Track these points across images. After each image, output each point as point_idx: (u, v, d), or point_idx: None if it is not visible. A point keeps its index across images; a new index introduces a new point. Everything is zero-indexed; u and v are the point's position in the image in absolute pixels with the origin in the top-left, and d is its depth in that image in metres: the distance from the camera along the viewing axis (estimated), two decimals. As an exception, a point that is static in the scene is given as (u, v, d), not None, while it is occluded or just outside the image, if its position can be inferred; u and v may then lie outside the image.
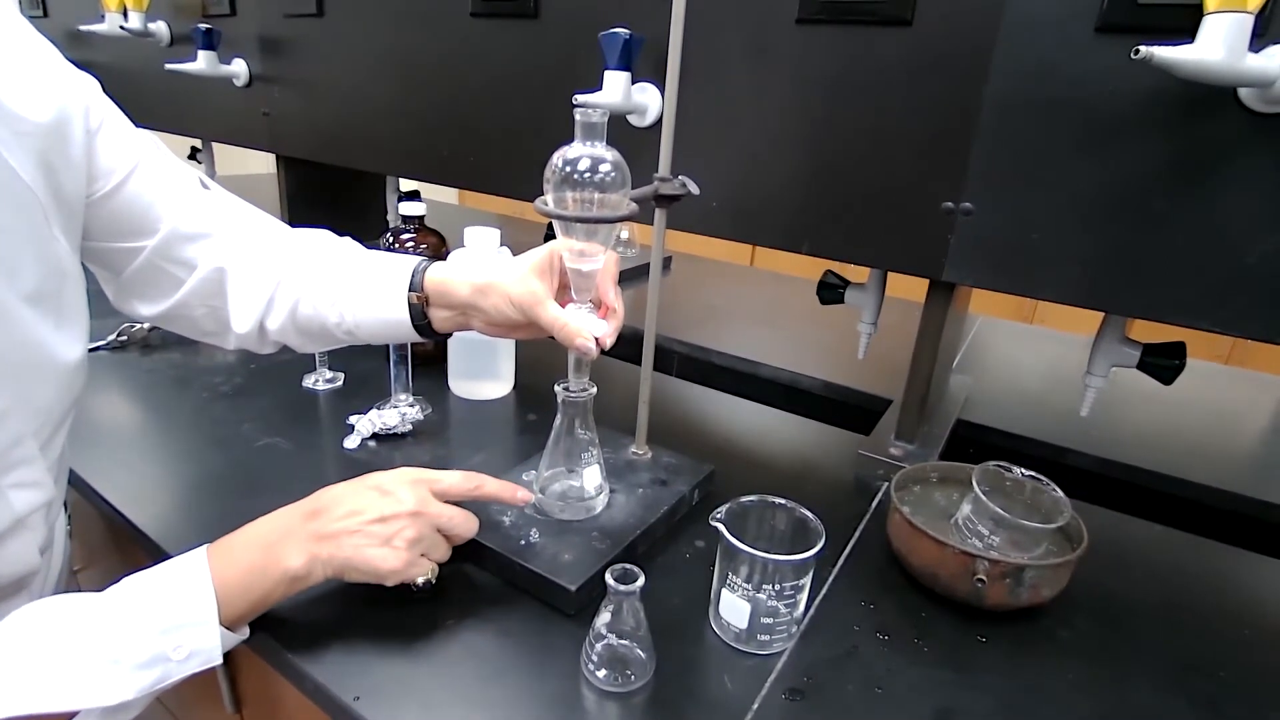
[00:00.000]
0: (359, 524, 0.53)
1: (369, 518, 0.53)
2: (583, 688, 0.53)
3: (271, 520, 0.54)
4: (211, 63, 1.26)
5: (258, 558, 0.51)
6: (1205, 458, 0.94)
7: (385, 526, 0.54)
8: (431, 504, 0.56)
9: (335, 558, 0.52)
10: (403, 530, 0.54)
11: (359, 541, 0.53)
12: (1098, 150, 0.63)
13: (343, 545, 0.53)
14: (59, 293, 0.53)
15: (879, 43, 0.70)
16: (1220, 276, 0.61)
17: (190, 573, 0.49)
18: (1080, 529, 0.64)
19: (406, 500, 0.55)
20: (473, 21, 0.96)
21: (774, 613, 0.55)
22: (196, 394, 0.91)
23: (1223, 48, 0.51)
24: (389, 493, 0.55)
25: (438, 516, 0.56)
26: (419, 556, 0.56)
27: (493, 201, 1.11)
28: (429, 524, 0.56)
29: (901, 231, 0.74)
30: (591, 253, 0.59)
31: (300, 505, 0.55)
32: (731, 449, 0.89)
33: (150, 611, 0.47)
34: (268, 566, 0.51)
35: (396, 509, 0.54)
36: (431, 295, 0.65)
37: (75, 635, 0.45)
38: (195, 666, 0.47)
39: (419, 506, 0.55)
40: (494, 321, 0.65)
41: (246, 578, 0.51)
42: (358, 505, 0.54)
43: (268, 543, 0.52)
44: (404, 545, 0.54)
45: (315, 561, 0.52)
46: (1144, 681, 0.57)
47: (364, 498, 0.55)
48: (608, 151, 0.55)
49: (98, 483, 0.72)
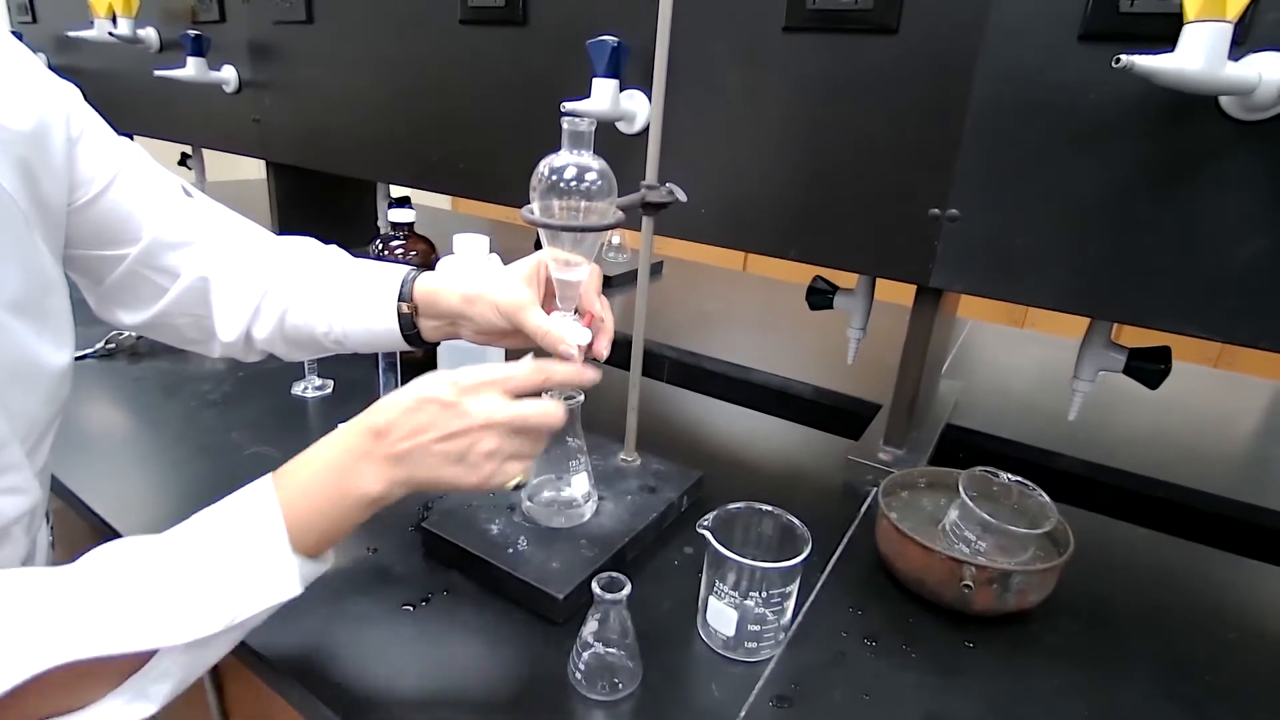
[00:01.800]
0: (428, 442, 0.49)
1: (436, 435, 0.49)
2: (570, 696, 0.53)
3: (337, 443, 0.50)
4: (201, 69, 1.26)
5: (332, 484, 0.49)
6: (1193, 461, 0.94)
7: (455, 443, 0.49)
8: (501, 409, 0.50)
9: (413, 478, 0.49)
10: (476, 444, 0.50)
11: (433, 462, 0.49)
12: (1082, 157, 0.63)
13: (417, 466, 0.49)
14: (42, 301, 0.52)
15: (865, 51, 0.70)
16: (1205, 281, 0.61)
17: (258, 505, 0.47)
18: (1067, 533, 0.64)
19: (474, 413, 0.50)
20: (461, 29, 0.96)
21: (761, 620, 0.55)
22: (185, 402, 0.91)
23: (1202, 56, 0.51)
24: (451, 405, 0.50)
25: (512, 419, 0.50)
26: (503, 464, 0.51)
27: (485, 208, 1.12)
28: (504, 431, 0.51)
29: (889, 238, 0.74)
30: (577, 262, 0.59)
31: (362, 422, 0.50)
32: (721, 455, 0.89)
33: (221, 548, 0.45)
34: (344, 493, 0.48)
35: (465, 424, 0.49)
36: (421, 305, 0.65)
37: (150, 574, 0.44)
38: (272, 599, 0.45)
39: (488, 417, 0.50)
40: (482, 330, 0.64)
41: (322, 505, 0.48)
42: (421, 422, 0.49)
43: (340, 467, 0.49)
44: (480, 460, 0.50)
45: (393, 484, 0.49)
46: (1131, 685, 0.57)
47: (426, 413, 0.50)
48: (594, 160, 0.55)
49: (84, 492, 0.71)
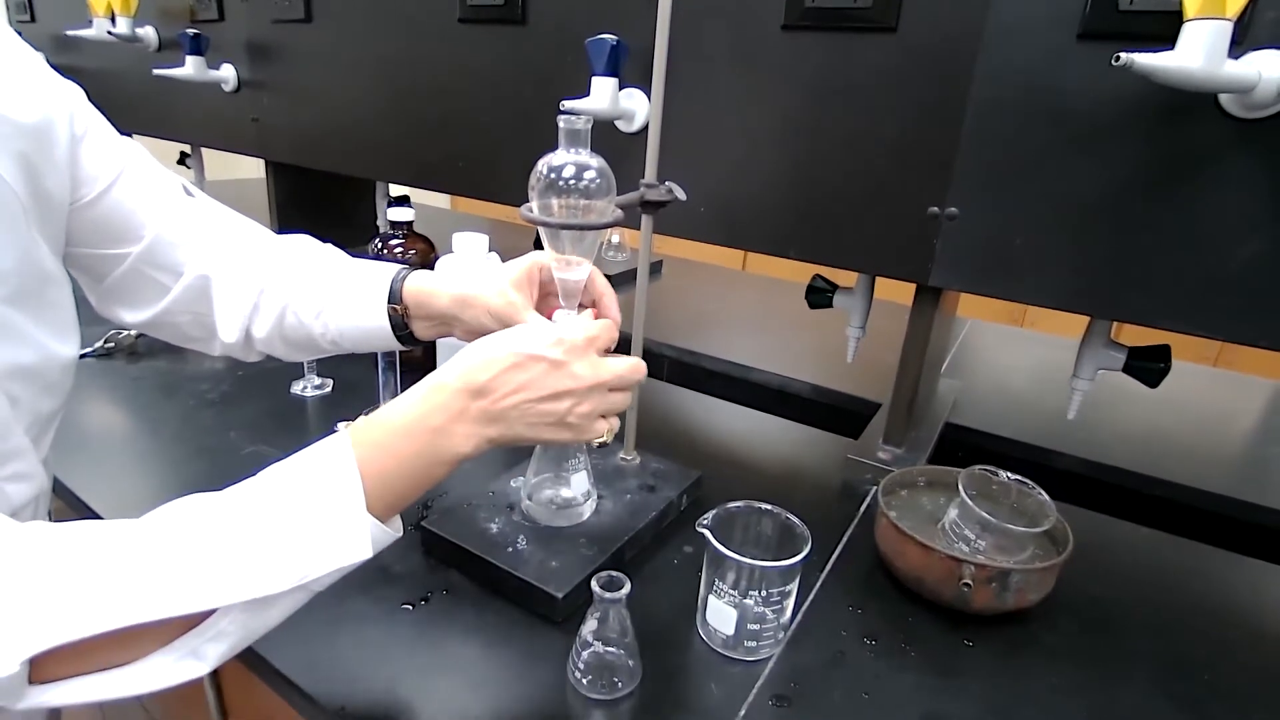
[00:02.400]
0: (530, 402, 0.48)
1: (540, 395, 0.49)
2: (569, 696, 0.53)
3: (427, 399, 0.48)
4: (199, 68, 1.26)
5: (423, 444, 0.47)
6: (1193, 460, 0.94)
7: (559, 404, 0.49)
8: (603, 369, 0.51)
9: (506, 435, 0.49)
10: (577, 406, 0.50)
11: (532, 421, 0.49)
12: (1081, 155, 0.63)
13: (514, 425, 0.49)
14: (40, 292, 0.53)
15: (864, 49, 0.70)
16: (1203, 280, 0.61)
17: (334, 461, 0.45)
18: (1066, 532, 0.64)
19: (581, 374, 0.50)
20: (460, 27, 0.96)
21: (761, 619, 0.55)
22: (183, 401, 0.91)
23: (1202, 54, 0.51)
24: (560, 365, 0.49)
25: (610, 379, 0.51)
26: (597, 421, 0.52)
27: (485, 206, 1.12)
28: (604, 391, 0.51)
29: (888, 236, 0.74)
30: (577, 261, 0.59)
31: (458, 377, 0.48)
32: (721, 454, 0.89)
33: (292, 505, 0.44)
34: (435, 452, 0.47)
35: (571, 384, 0.49)
36: (411, 306, 0.65)
37: (216, 530, 0.42)
38: (341, 561, 0.44)
39: (595, 378, 0.50)
40: (474, 332, 0.63)
41: (405, 465, 0.46)
42: (525, 380, 0.48)
43: (431, 426, 0.47)
44: (579, 420, 0.50)
45: (485, 442, 0.49)
46: (1129, 684, 0.57)
47: (531, 371, 0.49)
48: (592, 158, 0.55)
49: (83, 491, 0.71)
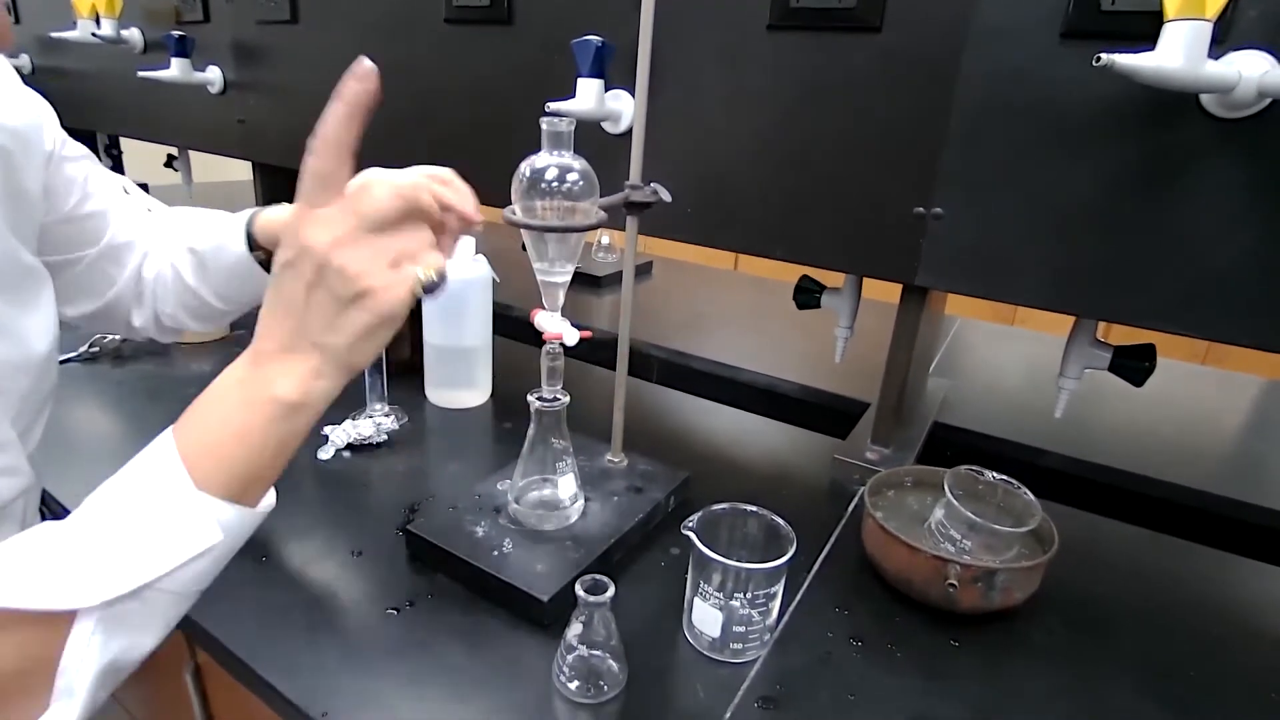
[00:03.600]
0: (301, 305, 0.42)
1: (301, 294, 0.42)
2: (555, 699, 0.53)
3: (234, 363, 0.44)
4: (185, 70, 1.25)
5: (236, 400, 0.42)
6: (1180, 458, 0.95)
7: (323, 287, 0.41)
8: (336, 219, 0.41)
9: (326, 361, 0.42)
10: (342, 272, 0.41)
11: (319, 323, 0.42)
12: (1066, 155, 0.63)
13: (314, 339, 0.42)
14: (19, 286, 0.54)
15: (849, 49, 0.70)
16: (1187, 280, 0.61)
17: (155, 452, 0.42)
18: (1052, 531, 0.64)
19: (313, 242, 0.41)
20: (447, 28, 0.96)
21: (747, 621, 0.55)
22: (168, 405, 0.89)
23: (1182, 55, 0.51)
24: (291, 262, 0.42)
25: (357, 220, 0.41)
26: (393, 274, 0.42)
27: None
28: (357, 235, 0.41)
29: (874, 237, 0.74)
30: (561, 263, 0.58)
31: (254, 338, 0.44)
32: (709, 455, 0.88)
33: (124, 504, 0.41)
34: (252, 404, 0.42)
35: (313, 261, 0.41)
36: (260, 241, 0.66)
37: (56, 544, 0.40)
38: (192, 549, 0.40)
39: (331, 236, 0.41)
40: None
41: (229, 433, 0.42)
42: (284, 296, 0.42)
43: (240, 380, 0.43)
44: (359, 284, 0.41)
45: (310, 376, 0.42)
46: (1116, 683, 0.57)
47: (285, 283, 0.42)
48: (575, 160, 0.55)
49: (65, 497, 0.71)
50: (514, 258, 1.09)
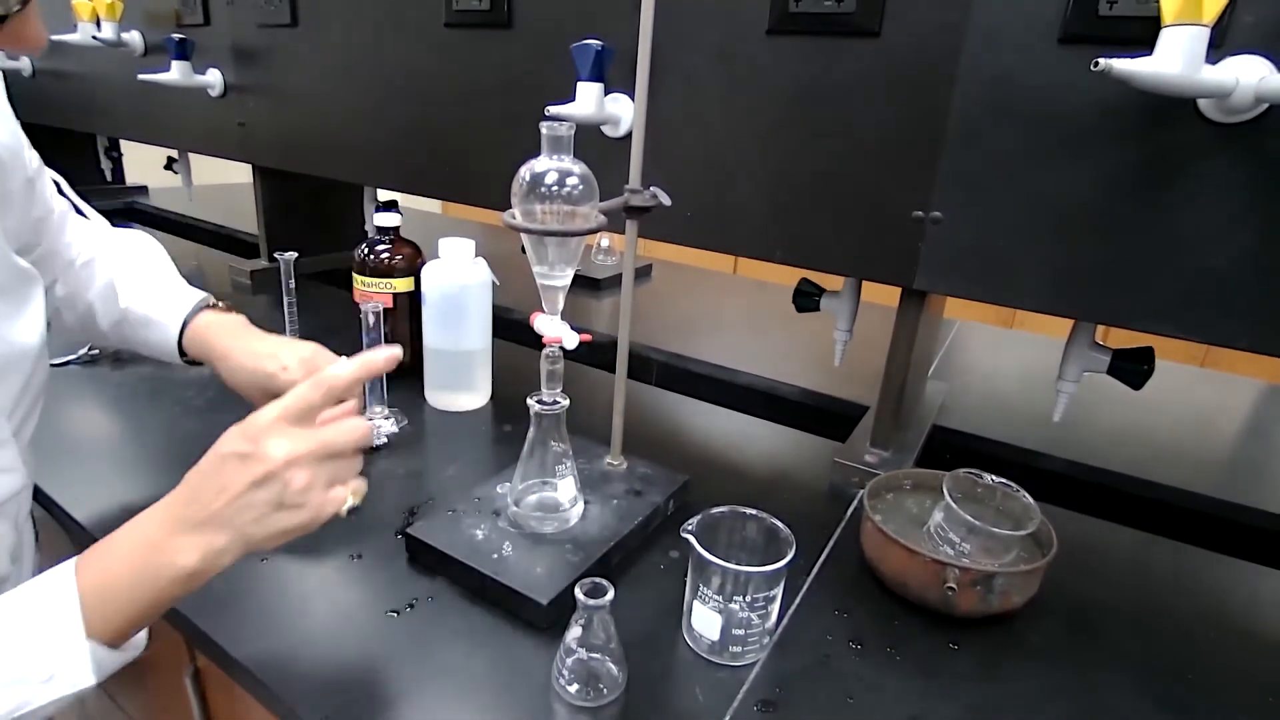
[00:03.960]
0: (237, 496, 0.46)
1: (242, 487, 0.46)
2: (554, 702, 0.53)
3: (150, 515, 0.48)
4: (185, 73, 1.25)
5: (141, 560, 0.46)
6: (1178, 461, 0.95)
7: (266, 490, 0.46)
8: (301, 440, 0.48)
9: (238, 537, 0.47)
10: (288, 485, 0.47)
11: (251, 515, 0.47)
12: (1064, 159, 0.64)
13: (237, 525, 0.46)
14: (12, 289, 0.56)
15: (848, 53, 0.70)
16: (1183, 282, 0.62)
17: (55, 586, 0.45)
18: (1050, 534, 0.64)
19: (273, 454, 0.47)
20: (447, 31, 0.96)
21: (746, 624, 0.55)
22: (168, 408, 0.90)
23: (1180, 60, 0.52)
24: (248, 455, 0.47)
25: (314, 448, 0.48)
26: (327, 493, 0.49)
27: (476, 211, 1.12)
28: (311, 461, 0.48)
29: (873, 240, 0.74)
30: (561, 266, 0.59)
31: (176, 493, 0.48)
32: (708, 458, 0.89)
33: (11, 634, 0.43)
34: (156, 567, 0.45)
35: (266, 468, 0.46)
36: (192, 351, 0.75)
37: None
38: (64, 689, 0.43)
39: (290, 453, 0.47)
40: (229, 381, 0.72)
41: (129, 582, 0.45)
42: (224, 479, 0.47)
43: (148, 542, 0.46)
44: (299, 497, 0.47)
45: (212, 551, 0.46)
46: (1114, 685, 0.58)
47: (227, 469, 0.47)
48: (575, 165, 0.55)
49: (64, 499, 0.71)
50: (514, 261, 1.10)
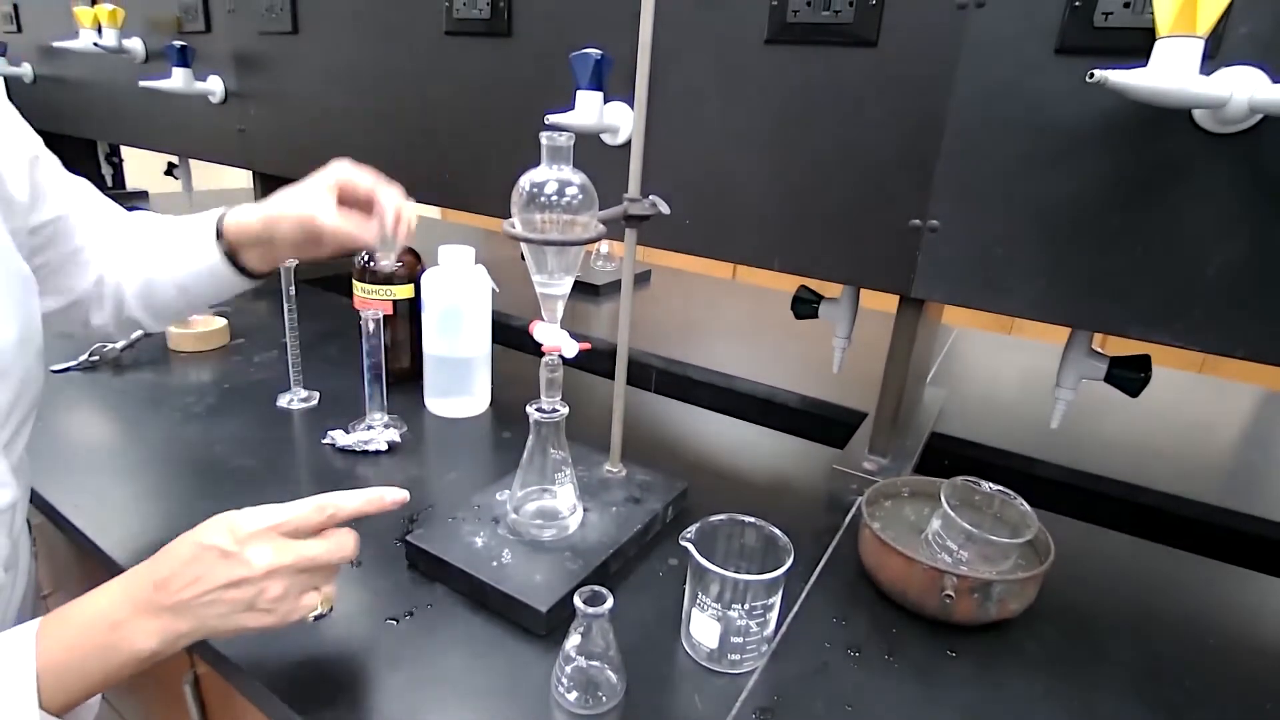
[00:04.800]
0: (211, 591, 0.47)
1: (219, 584, 0.47)
2: (553, 710, 0.53)
3: (115, 590, 0.48)
4: (186, 79, 1.26)
5: (101, 637, 0.46)
6: (1176, 468, 0.95)
7: (241, 591, 0.47)
8: (286, 553, 0.48)
9: (202, 627, 0.47)
10: (264, 593, 0.48)
11: (219, 610, 0.47)
12: (1059, 168, 0.64)
13: (202, 616, 0.47)
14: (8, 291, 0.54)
15: (845, 63, 0.71)
16: (1178, 291, 0.62)
17: (13, 657, 0.44)
18: (1048, 542, 0.64)
19: (255, 563, 0.47)
20: (447, 40, 0.97)
21: (745, 631, 0.56)
22: (168, 415, 0.90)
23: (1174, 71, 0.52)
24: (231, 555, 0.47)
25: (298, 562, 0.49)
26: (299, 600, 0.50)
27: (475, 217, 1.12)
28: (291, 573, 0.49)
29: (870, 248, 0.74)
30: (561, 274, 0.59)
31: (146, 571, 0.48)
32: (707, 465, 0.89)
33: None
34: (114, 647, 0.46)
35: (246, 573, 0.47)
36: (233, 240, 0.68)
37: None
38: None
39: (271, 565, 0.48)
40: (292, 248, 0.67)
41: (86, 657, 0.45)
42: (201, 571, 0.47)
43: (113, 621, 0.46)
44: (272, 604, 0.48)
45: (173, 635, 0.46)
46: (1111, 693, 0.58)
47: (205, 562, 0.47)
48: (574, 174, 0.56)
49: (64, 506, 0.71)
50: (513, 267, 1.10)
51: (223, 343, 1.11)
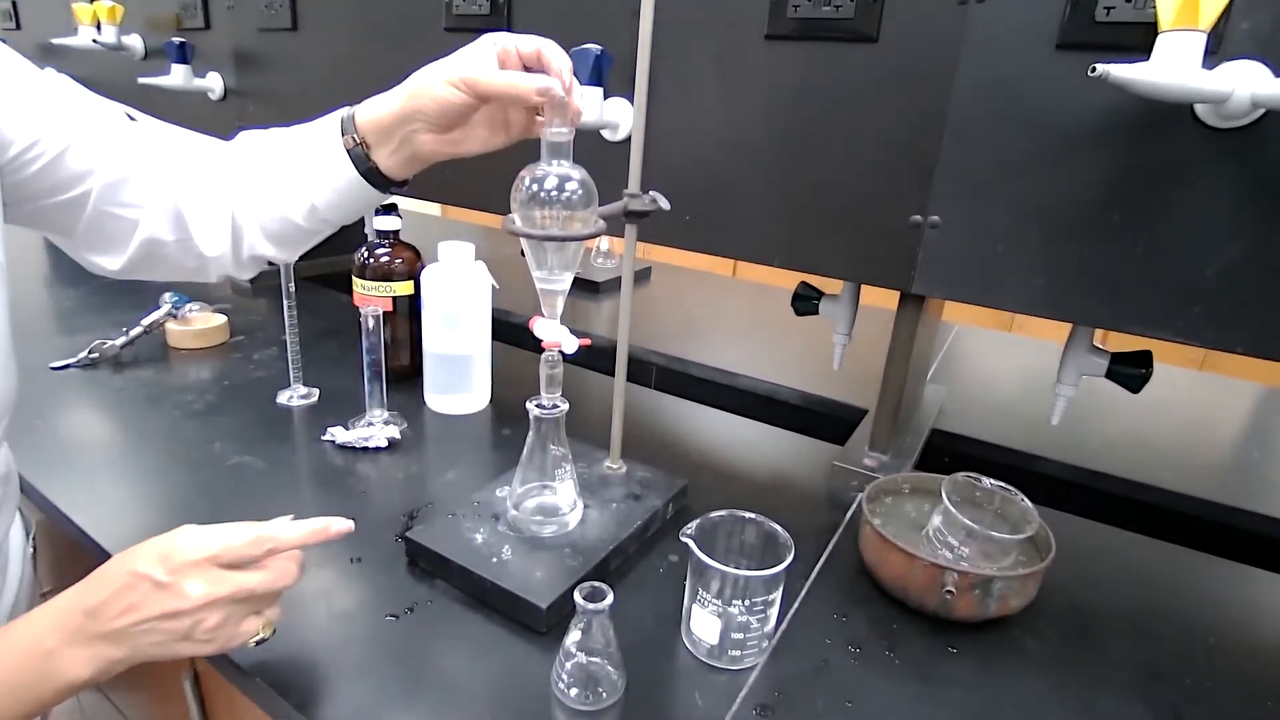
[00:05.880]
0: (145, 622, 0.46)
1: (154, 614, 0.45)
2: (553, 706, 0.53)
3: (46, 618, 0.46)
4: (186, 76, 1.26)
5: (34, 665, 0.45)
6: (1176, 464, 0.95)
7: (176, 623, 0.46)
8: (221, 585, 0.47)
9: (134, 656, 0.46)
10: (200, 623, 0.47)
11: (155, 639, 0.46)
12: (1060, 164, 0.64)
13: (138, 643, 0.46)
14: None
15: (846, 59, 0.71)
16: (1178, 287, 0.62)
17: None
18: (1048, 539, 0.64)
19: (191, 594, 0.46)
20: (446, 35, 0.96)
21: (745, 628, 0.55)
22: (168, 412, 0.90)
23: (1176, 66, 0.52)
24: (165, 586, 0.46)
25: (235, 593, 0.47)
26: (238, 627, 0.49)
27: (475, 214, 1.12)
28: (227, 603, 0.47)
29: (871, 245, 0.74)
30: (561, 270, 0.59)
31: (76, 597, 0.47)
32: (707, 462, 0.89)
33: None
34: (46, 675, 0.45)
35: (181, 605, 0.46)
36: (367, 134, 0.59)
37: None
38: None
39: (206, 597, 0.46)
40: (442, 119, 0.57)
41: (18, 685, 0.45)
42: (134, 600, 0.46)
43: (45, 649, 0.45)
44: (209, 634, 0.47)
45: (106, 663, 0.46)
46: (1110, 690, 0.58)
47: (139, 592, 0.46)
48: (574, 169, 0.55)
49: (64, 503, 0.71)
50: (513, 264, 1.10)
51: (222, 340, 1.11)
